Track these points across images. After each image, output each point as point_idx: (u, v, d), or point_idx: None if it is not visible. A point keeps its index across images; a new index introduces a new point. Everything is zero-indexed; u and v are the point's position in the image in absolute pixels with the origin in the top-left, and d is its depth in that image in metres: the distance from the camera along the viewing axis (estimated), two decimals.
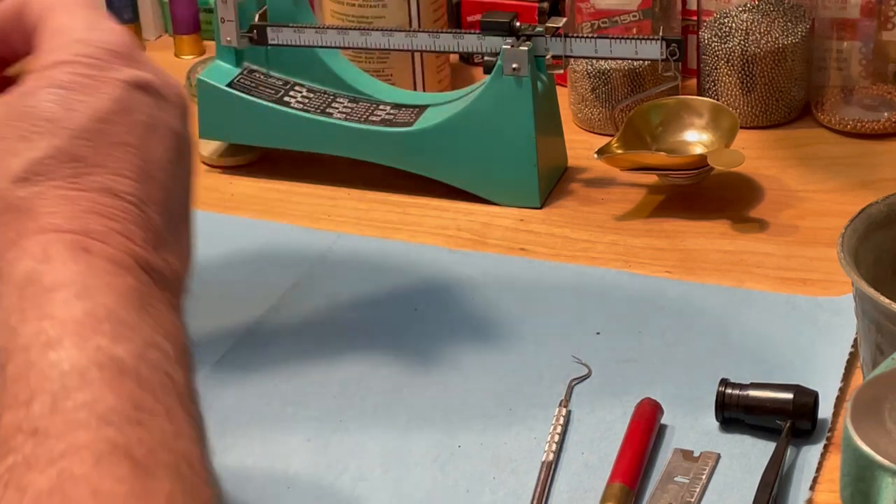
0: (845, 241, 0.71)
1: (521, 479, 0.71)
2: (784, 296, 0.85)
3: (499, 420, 0.75)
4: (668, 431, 0.74)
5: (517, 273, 0.88)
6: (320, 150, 1.02)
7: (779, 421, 0.72)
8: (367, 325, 0.84)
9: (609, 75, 1.06)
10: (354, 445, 0.74)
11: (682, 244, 0.92)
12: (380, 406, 0.77)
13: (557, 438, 0.73)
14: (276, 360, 0.81)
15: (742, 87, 1.05)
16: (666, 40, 0.94)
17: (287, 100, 1.02)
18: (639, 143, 0.98)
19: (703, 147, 0.97)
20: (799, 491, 0.69)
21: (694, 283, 0.87)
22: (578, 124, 1.09)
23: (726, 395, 0.73)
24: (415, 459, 0.73)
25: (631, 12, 1.05)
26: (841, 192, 0.97)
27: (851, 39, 1.05)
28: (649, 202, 0.97)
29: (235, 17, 1.02)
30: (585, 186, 1.00)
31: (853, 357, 0.78)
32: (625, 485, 0.69)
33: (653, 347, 0.80)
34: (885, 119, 1.04)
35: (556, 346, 0.81)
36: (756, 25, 1.04)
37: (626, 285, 0.87)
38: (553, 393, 0.77)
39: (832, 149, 1.04)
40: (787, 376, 0.76)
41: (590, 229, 0.94)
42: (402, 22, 1.08)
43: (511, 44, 0.95)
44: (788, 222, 0.93)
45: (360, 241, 0.94)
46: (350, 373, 0.80)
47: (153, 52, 1.29)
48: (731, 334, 0.81)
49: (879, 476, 0.53)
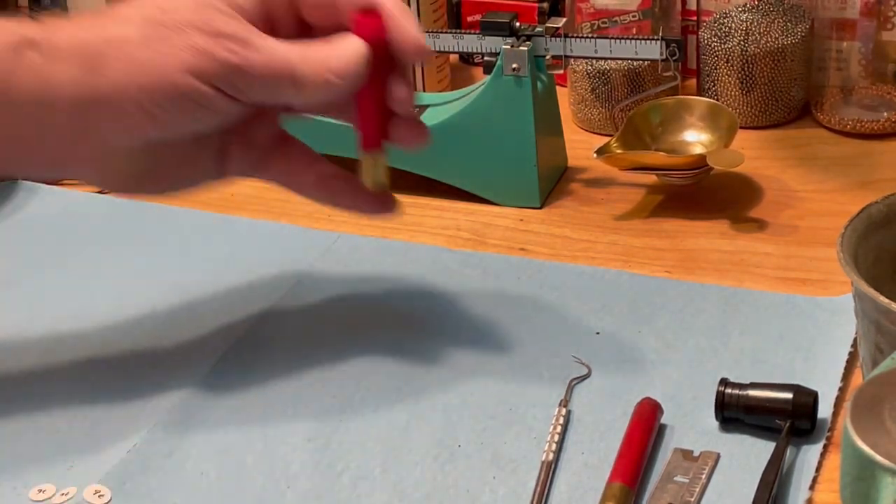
0: (845, 241, 0.71)
1: (520, 479, 0.71)
2: (784, 296, 0.85)
3: (499, 420, 0.75)
4: (668, 431, 0.74)
5: (517, 273, 0.89)
6: (320, 150, 1.02)
7: (778, 421, 0.72)
8: (366, 325, 0.84)
9: (609, 75, 1.06)
10: (354, 445, 0.74)
11: (681, 244, 0.92)
12: (380, 406, 0.77)
13: (557, 438, 0.73)
14: (276, 359, 0.81)
15: (742, 87, 1.05)
16: (666, 40, 0.94)
17: None
18: (638, 143, 0.98)
19: (703, 147, 0.97)
20: (799, 491, 0.69)
21: (693, 282, 0.87)
22: (578, 124, 1.09)
23: (726, 394, 0.73)
24: (415, 459, 0.73)
25: (631, 12, 1.05)
26: (841, 192, 0.97)
27: (851, 39, 1.05)
28: (649, 202, 0.97)
29: None
30: (585, 186, 1.00)
31: (853, 357, 0.78)
32: (625, 484, 0.69)
33: (653, 347, 0.80)
34: (884, 119, 1.04)
35: (556, 346, 0.81)
36: (756, 25, 1.04)
37: (626, 285, 0.87)
38: (553, 393, 0.77)
39: (832, 149, 1.04)
40: (787, 376, 0.76)
41: (589, 229, 0.94)
42: None
43: (511, 44, 0.95)
44: (788, 222, 0.94)
45: (359, 241, 0.94)
46: (350, 373, 0.80)
47: None
48: (731, 334, 0.81)
49: (879, 476, 0.53)
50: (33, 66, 0.70)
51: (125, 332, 0.84)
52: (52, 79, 0.70)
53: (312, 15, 0.75)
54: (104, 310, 0.86)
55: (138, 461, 0.73)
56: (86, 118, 0.71)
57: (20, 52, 0.71)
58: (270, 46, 0.71)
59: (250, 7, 0.72)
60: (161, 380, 0.80)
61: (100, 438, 0.76)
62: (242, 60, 0.70)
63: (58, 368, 0.82)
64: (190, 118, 0.72)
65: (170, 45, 0.70)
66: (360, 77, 0.72)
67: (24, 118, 0.71)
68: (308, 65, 0.71)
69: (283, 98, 0.73)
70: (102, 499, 0.71)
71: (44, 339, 0.84)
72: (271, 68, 0.71)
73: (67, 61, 0.70)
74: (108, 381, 0.80)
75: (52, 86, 0.70)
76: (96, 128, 0.71)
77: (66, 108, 0.71)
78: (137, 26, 0.71)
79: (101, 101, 0.70)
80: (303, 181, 0.80)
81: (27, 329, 0.85)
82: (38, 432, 0.76)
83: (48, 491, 0.72)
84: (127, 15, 0.72)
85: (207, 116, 0.72)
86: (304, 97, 0.72)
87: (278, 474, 0.72)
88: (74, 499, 0.71)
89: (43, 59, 0.71)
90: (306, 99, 0.73)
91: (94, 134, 0.72)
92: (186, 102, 0.70)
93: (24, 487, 0.72)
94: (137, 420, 0.77)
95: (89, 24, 0.72)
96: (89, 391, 0.79)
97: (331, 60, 0.71)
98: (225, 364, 0.81)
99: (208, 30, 0.70)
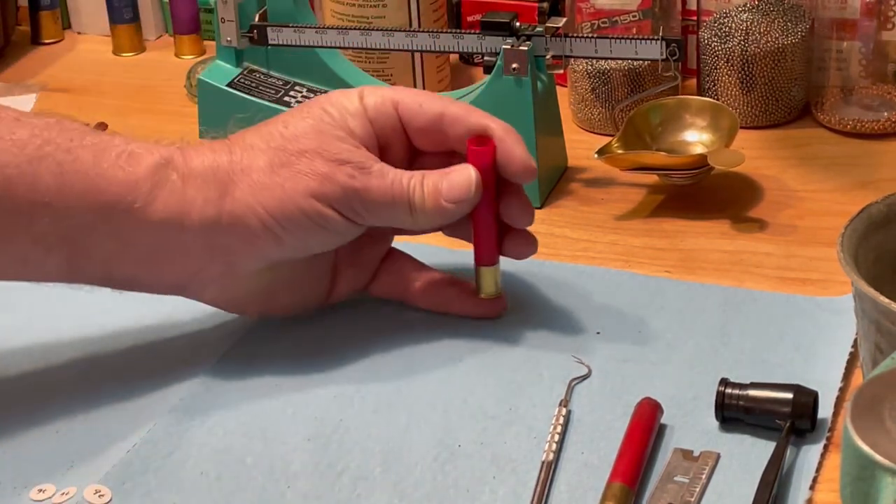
0: (845, 241, 0.71)
1: (521, 479, 0.71)
2: (784, 296, 0.85)
3: (499, 419, 0.75)
4: (668, 431, 0.74)
5: (517, 273, 0.88)
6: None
7: (779, 420, 0.72)
8: (366, 324, 0.84)
9: (609, 75, 1.06)
10: (354, 445, 0.74)
11: (681, 244, 0.92)
12: (380, 406, 0.77)
13: (557, 438, 0.73)
14: (276, 359, 0.81)
15: (742, 87, 1.05)
16: (666, 40, 0.94)
17: (287, 100, 1.02)
18: (639, 143, 0.98)
19: (703, 147, 0.97)
20: (799, 491, 0.69)
21: (694, 282, 0.87)
22: (578, 124, 1.09)
23: (726, 394, 0.73)
24: (415, 459, 0.73)
25: (631, 12, 1.05)
26: (841, 192, 0.97)
27: (851, 39, 1.05)
28: (649, 202, 0.97)
29: (236, 17, 1.02)
30: (585, 186, 1.00)
31: (853, 357, 0.78)
32: (625, 484, 0.69)
33: (653, 347, 0.80)
34: (884, 119, 1.04)
35: (556, 346, 0.81)
36: (756, 25, 1.04)
37: (626, 285, 0.87)
38: (553, 393, 0.77)
39: (832, 149, 1.04)
40: (787, 376, 0.76)
41: (590, 229, 0.94)
42: (402, 22, 1.08)
43: (511, 44, 0.95)
44: (788, 222, 0.94)
45: None
46: (350, 372, 0.80)
47: (153, 51, 1.29)
48: (732, 334, 0.81)
49: (879, 476, 0.53)
50: (173, 188, 0.75)
51: (125, 332, 0.84)
52: (186, 200, 0.75)
53: (421, 141, 0.81)
54: (105, 309, 0.86)
55: (138, 461, 0.73)
56: (215, 239, 0.76)
57: (162, 172, 0.75)
58: (387, 173, 0.77)
59: (363, 133, 0.78)
60: (161, 380, 0.80)
61: (100, 438, 0.76)
62: (362, 185, 0.76)
63: (58, 368, 0.82)
64: (311, 239, 0.77)
65: (294, 171, 0.75)
66: (472, 203, 0.78)
67: (159, 238, 0.75)
68: (423, 192, 0.77)
69: (398, 222, 0.79)
70: (103, 499, 0.71)
71: (44, 339, 0.84)
72: (389, 194, 0.77)
73: (201, 184, 0.75)
74: (108, 381, 0.80)
75: (186, 207, 0.75)
76: (224, 249, 0.76)
77: (198, 229, 0.75)
78: (263, 152, 0.76)
79: (230, 223, 0.75)
80: (411, 292, 0.84)
81: (27, 329, 0.85)
82: (38, 432, 0.76)
83: (48, 490, 0.72)
84: (252, 141, 0.77)
85: (327, 237, 0.78)
86: (419, 222, 0.79)
87: (278, 474, 0.72)
88: (74, 498, 0.71)
89: (181, 180, 0.75)
90: (421, 224, 0.79)
91: (221, 255, 0.76)
92: (309, 224, 0.76)
93: (24, 487, 0.72)
94: (137, 420, 0.77)
95: (219, 148, 0.77)
96: (89, 391, 0.79)
97: (444, 188, 0.78)
98: (225, 364, 0.81)
99: (329, 156, 0.76)
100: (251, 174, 0.76)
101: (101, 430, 0.76)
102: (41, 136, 0.74)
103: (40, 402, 0.79)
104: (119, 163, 0.75)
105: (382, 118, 0.79)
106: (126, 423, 0.76)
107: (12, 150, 0.73)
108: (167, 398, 0.78)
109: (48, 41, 1.31)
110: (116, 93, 1.21)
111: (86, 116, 1.13)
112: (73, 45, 1.32)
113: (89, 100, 1.20)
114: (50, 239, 0.75)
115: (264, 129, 0.78)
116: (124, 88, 1.21)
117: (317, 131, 0.77)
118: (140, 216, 0.75)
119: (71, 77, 1.25)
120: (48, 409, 0.78)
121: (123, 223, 0.75)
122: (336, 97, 0.79)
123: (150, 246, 0.76)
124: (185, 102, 1.17)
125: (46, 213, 0.74)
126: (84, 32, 1.33)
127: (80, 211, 0.74)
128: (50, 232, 0.74)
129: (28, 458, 0.74)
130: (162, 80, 1.22)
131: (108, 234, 0.75)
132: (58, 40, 1.32)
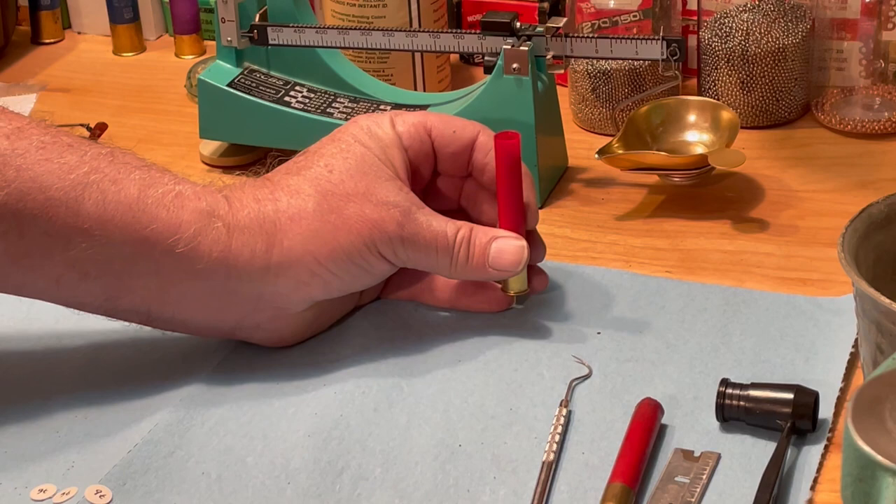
0: (846, 241, 0.71)
1: (521, 479, 0.71)
2: (784, 296, 0.85)
3: (499, 419, 0.75)
4: (669, 431, 0.74)
5: None
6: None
7: (779, 421, 0.72)
8: (367, 324, 0.84)
9: (609, 75, 1.06)
10: (355, 444, 0.74)
11: (682, 244, 0.92)
12: (380, 405, 0.77)
13: (558, 438, 0.73)
14: (277, 359, 0.81)
15: (742, 87, 1.05)
16: (666, 40, 0.94)
17: (287, 100, 1.02)
18: (639, 143, 0.98)
19: (704, 147, 0.97)
20: (799, 491, 0.69)
21: (694, 282, 0.87)
22: (579, 124, 1.09)
23: (727, 395, 0.73)
24: (415, 458, 0.73)
25: (631, 12, 1.05)
26: (841, 192, 0.97)
27: (851, 39, 1.05)
28: (650, 202, 0.97)
29: (236, 17, 1.02)
30: (586, 186, 1.00)
31: (854, 357, 0.78)
32: (625, 485, 0.69)
33: (653, 347, 0.80)
34: (885, 119, 1.04)
35: (556, 346, 0.81)
36: (756, 25, 1.04)
37: (627, 285, 0.87)
38: (553, 393, 0.77)
39: (832, 149, 1.04)
40: (788, 376, 0.76)
41: (590, 229, 0.94)
42: (402, 22, 1.08)
43: (511, 44, 0.95)
44: (788, 222, 0.94)
45: None
46: (350, 372, 0.80)
47: (153, 51, 1.29)
48: (731, 334, 0.81)
49: (880, 476, 0.53)
50: (218, 237, 0.76)
51: (126, 332, 0.84)
52: (232, 251, 0.76)
53: (447, 165, 0.83)
54: None
55: (139, 461, 0.73)
56: (263, 288, 0.77)
57: (206, 220, 0.75)
58: (432, 223, 0.78)
59: (400, 163, 0.79)
60: (162, 380, 0.80)
61: (100, 438, 0.76)
62: (408, 234, 0.78)
63: (58, 368, 0.82)
64: (356, 282, 0.79)
65: (344, 218, 0.77)
66: (516, 273, 0.80)
67: (203, 285, 0.76)
68: (469, 251, 0.79)
69: (436, 270, 0.81)
70: (103, 499, 0.71)
71: (44, 339, 0.84)
72: (433, 245, 0.78)
73: (248, 237, 0.76)
74: (108, 381, 0.80)
75: (232, 259, 0.76)
76: (273, 295, 0.77)
77: (247, 277, 0.76)
78: (311, 197, 0.77)
79: (278, 273, 0.76)
80: (423, 292, 0.85)
81: (27, 329, 0.85)
82: (39, 432, 0.76)
83: (49, 490, 0.72)
84: (299, 186, 0.77)
85: (369, 279, 0.80)
86: (457, 274, 0.80)
87: (279, 474, 0.72)
88: (75, 498, 0.71)
89: (226, 230, 0.76)
90: (458, 276, 0.80)
91: (270, 300, 0.77)
92: (356, 269, 0.78)
93: (24, 487, 0.72)
94: (138, 420, 0.77)
95: (264, 197, 0.77)
96: (90, 391, 0.79)
97: (492, 253, 0.79)
98: (226, 364, 0.81)
99: (376, 200, 0.77)
100: (300, 221, 0.76)
101: (101, 430, 0.76)
102: (90, 163, 0.75)
103: (40, 402, 0.79)
104: (164, 201, 0.75)
105: (417, 145, 0.81)
106: (127, 423, 0.77)
107: (58, 172, 0.74)
108: (168, 398, 0.78)
109: (48, 41, 1.31)
110: (116, 93, 1.21)
111: (86, 116, 1.14)
112: (74, 44, 1.32)
113: (89, 100, 1.20)
114: (87, 265, 0.75)
115: (307, 171, 0.78)
116: (124, 88, 1.21)
117: (362, 173, 0.78)
118: (183, 260, 0.75)
119: (71, 77, 1.25)
120: (48, 409, 0.78)
121: (165, 263, 0.75)
122: (368, 126, 0.80)
123: (195, 291, 0.76)
124: (185, 102, 1.17)
125: (84, 239, 0.74)
126: (84, 32, 1.33)
127: (119, 242, 0.74)
128: (86, 258, 0.74)
129: (28, 458, 0.74)
130: (162, 80, 1.22)
131: (148, 270, 0.75)
132: (58, 40, 1.32)
